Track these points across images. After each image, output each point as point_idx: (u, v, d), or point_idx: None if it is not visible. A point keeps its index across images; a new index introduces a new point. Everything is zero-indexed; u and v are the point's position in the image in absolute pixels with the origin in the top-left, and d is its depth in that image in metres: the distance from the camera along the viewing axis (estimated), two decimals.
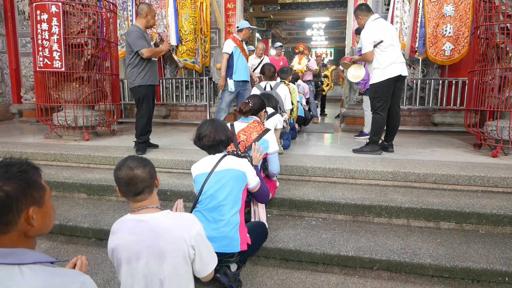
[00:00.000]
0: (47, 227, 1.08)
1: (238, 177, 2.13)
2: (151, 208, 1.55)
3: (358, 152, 4.04)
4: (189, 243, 1.50)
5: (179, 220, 1.55)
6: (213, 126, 2.16)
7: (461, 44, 5.23)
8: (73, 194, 3.50)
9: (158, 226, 1.49)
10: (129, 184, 1.50)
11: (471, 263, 2.21)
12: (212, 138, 2.14)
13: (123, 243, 1.49)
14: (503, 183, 3.07)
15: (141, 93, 3.97)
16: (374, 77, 3.96)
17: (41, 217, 1.03)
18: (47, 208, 1.07)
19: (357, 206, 2.86)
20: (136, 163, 1.52)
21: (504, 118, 4.02)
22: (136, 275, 1.48)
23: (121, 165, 1.53)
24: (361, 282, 2.27)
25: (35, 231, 1.03)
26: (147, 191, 1.53)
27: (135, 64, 3.91)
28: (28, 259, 0.97)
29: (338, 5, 13.58)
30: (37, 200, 1.02)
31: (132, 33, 3.84)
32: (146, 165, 1.54)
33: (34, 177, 1.04)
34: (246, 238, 2.10)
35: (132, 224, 1.51)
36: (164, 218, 1.52)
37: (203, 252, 1.58)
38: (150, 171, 1.54)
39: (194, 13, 6.34)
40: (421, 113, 6.11)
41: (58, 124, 4.95)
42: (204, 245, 1.59)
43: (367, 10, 4.02)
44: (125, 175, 1.50)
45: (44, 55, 4.65)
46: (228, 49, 4.78)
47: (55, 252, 2.69)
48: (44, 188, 1.06)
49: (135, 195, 1.52)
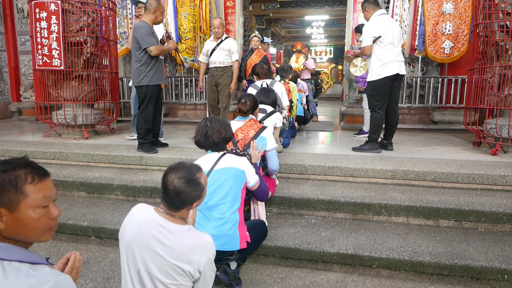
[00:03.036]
0: (22, 235, 1.02)
1: (237, 176, 2.13)
2: (176, 219, 1.50)
3: (357, 150, 4.04)
4: (197, 267, 1.47)
5: (198, 242, 1.50)
6: (220, 124, 2.17)
7: (460, 42, 5.22)
8: (72, 193, 3.50)
9: (175, 240, 1.44)
10: (172, 195, 1.46)
11: (471, 261, 2.22)
12: (224, 134, 2.16)
13: (132, 234, 1.47)
14: (502, 181, 3.08)
15: (148, 92, 3.90)
16: (371, 74, 3.96)
17: (11, 221, 0.99)
18: (22, 216, 0.99)
19: (357, 204, 2.86)
20: (193, 182, 1.47)
21: (504, 116, 4.02)
22: (134, 276, 1.48)
23: (178, 173, 1.47)
24: (361, 280, 2.28)
25: (7, 232, 0.99)
26: (184, 210, 1.50)
27: (143, 62, 3.83)
28: (10, 256, 0.96)
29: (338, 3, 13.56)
30: (5, 202, 0.98)
31: (141, 28, 3.75)
32: (198, 188, 1.49)
33: (12, 178, 0.98)
34: (245, 236, 2.11)
35: (150, 223, 1.47)
36: (183, 234, 1.47)
37: (208, 276, 1.55)
38: (197, 194, 1.49)
39: (193, 11, 6.33)
40: (421, 111, 6.11)
41: (58, 123, 4.94)
42: (210, 270, 1.55)
43: (375, 4, 3.97)
44: (176, 185, 1.44)
45: (43, 54, 4.64)
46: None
47: (54, 250, 2.69)
48: (22, 194, 0.99)
49: (170, 206, 1.49)
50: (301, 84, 6.72)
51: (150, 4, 3.86)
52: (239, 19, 6.68)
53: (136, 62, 3.87)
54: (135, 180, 3.41)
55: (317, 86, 9.56)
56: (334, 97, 15.75)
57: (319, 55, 22.71)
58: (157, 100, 4.06)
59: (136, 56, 3.87)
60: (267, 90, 3.78)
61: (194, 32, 6.36)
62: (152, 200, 3.25)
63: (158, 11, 3.89)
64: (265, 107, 3.54)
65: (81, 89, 4.85)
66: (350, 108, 6.22)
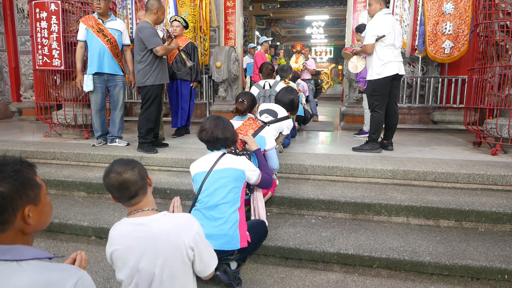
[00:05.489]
0: (44, 223, 1.08)
1: (237, 176, 2.13)
2: (147, 211, 1.52)
3: (357, 150, 4.04)
4: (188, 244, 1.49)
5: (177, 222, 1.53)
6: (214, 122, 2.19)
7: (460, 42, 5.22)
8: (72, 193, 3.50)
9: (155, 229, 1.47)
10: (121, 189, 1.46)
11: (471, 261, 2.22)
12: (210, 134, 2.17)
13: (121, 248, 1.48)
14: (502, 181, 3.08)
15: (153, 93, 3.89)
16: (371, 73, 3.96)
17: (37, 215, 1.03)
18: (43, 205, 1.06)
19: (357, 204, 2.86)
20: (123, 166, 1.47)
21: (504, 116, 4.01)
22: (135, 278, 1.49)
23: (109, 172, 1.47)
24: (361, 280, 2.28)
25: (32, 228, 1.03)
26: (141, 192, 1.49)
27: (148, 62, 3.83)
28: (26, 255, 0.97)
29: (338, 3, 13.58)
30: (32, 198, 1.01)
31: (146, 29, 3.75)
32: (134, 167, 1.48)
33: (29, 175, 1.02)
34: (245, 235, 2.11)
35: (130, 228, 1.49)
36: (162, 221, 1.50)
37: (203, 252, 1.56)
38: (139, 172, 1.49)
39: (193, 11, 6.33)
40: (421, 111, 6.11)
41: (58, 123, 4.95)
42: (204, 245, 1.58)
43: (384, 0, 3.91)
44: (115, 181, 1.45)
45: (44, 54, 4.64)
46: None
47: (55, 250, 2.69)
48: (40, 185, 1.05)
49: (129, 199, 1.49)
50: (301, 85, 6.72)
51: (152, 5, 3.86)
52: (239, 19, 6.68)
53: (140, 62, 3.86)
54: None
55: (317, 86, 9.56)
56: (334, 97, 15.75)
57: (319, 55, 22.72)
58: (159, 100, 4.06)
59: (140, 57, 3.86)
60: (290, 90, 3.65)
61: (194, 32, 6.36)
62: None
63: (160, 11, 3.90)
64: (277, 109, 3.44)
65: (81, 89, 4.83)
66: (350, 108, 6.22)
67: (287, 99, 3.51)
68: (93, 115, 4.39)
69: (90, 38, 4.17)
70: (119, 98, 4.41)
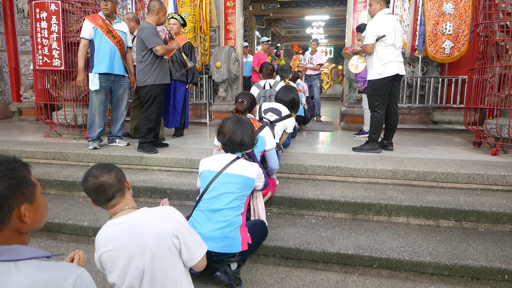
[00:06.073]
0: (40, 222, 1.08)
1: (246, 184, 2.13)
2: (127, 209, 1.54)
3: (357, 150, 4.04)
4: (172, 233, 1.50)
5: (158, 213, 1.55)
6: (233, 127, 2.16)
7: (460, 42, 5.22)
8: (72, 193, 3.50)
9: (137, 224, 1.49)
10: (98, 192, 1.50)
11: (471, 261, 2.22)
12: (227, 138, 2.15)
13: (108, 250, 1.49)
14: (502, 181, 3.08)
15: (153, 92, 3.90)
16: (372, 73, 3.96)
17: (33, 214, 1.03)
18: (39, 204, 1.06)
19: (357, 204, 2.86)
20: (101, 170, 1.51)
21: (504, 116, 4.02)
22: (126, 276, 1.49)
23: (87, 176, 1.51)
24: (361, 280, 2.28)
25: (28, 227, 1.03)
26: (118, 195, 1.52)
27: (148, 62, 3.85)
28: (24, 255, 0.97)
29: (338, 3, 13.57)
30: (28, 197, 1.01)
31: (146, 29, 3.78)
32: (111, 171, 1.52)
33: (24, 174, 1.02)
34: (247, 238, 2.11)
35: (112, 229, 1.51)
36: (142, 215, 1.53)
37: (188, 240, 1.56)
38: (116, 176, 1.52)
39: (193, 11, 6.33)
40: (421, 111, 6.11)
41: (58, 123, 4.95)
42: (188, 232, 1.58)
43: (385, 0, 3.90)
44: (92, 184, 1.48)
45: (44, 54, 4.64)
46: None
47: (55, 250, 2.68)
48: (35, 184, 1.05)
49: (106, 202, 1.52)
50: (301, 85, 6.72)
51: (153, 6, 3.89)
52: (239, 19, 6.68)
53: (141, 62, 3.88)
54: (135, 180, 3.40)
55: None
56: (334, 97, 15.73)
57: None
58: (160, 100, 4.07)
59: (140, 57, 3.89)
60: (290, 88, 3.68)
61: (194, 32, 6.36)
62: (152, 200, 3.25)
63: (161, 12, 3.92)
64: (280, 108, 3.48)
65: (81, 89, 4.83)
66: (350, 108, 6.22)
67: (288, 97, 3.55)
68: (94, 114, 4.32)
69: (99, 38, 4.13)
70: (123, 99, 4.45)
